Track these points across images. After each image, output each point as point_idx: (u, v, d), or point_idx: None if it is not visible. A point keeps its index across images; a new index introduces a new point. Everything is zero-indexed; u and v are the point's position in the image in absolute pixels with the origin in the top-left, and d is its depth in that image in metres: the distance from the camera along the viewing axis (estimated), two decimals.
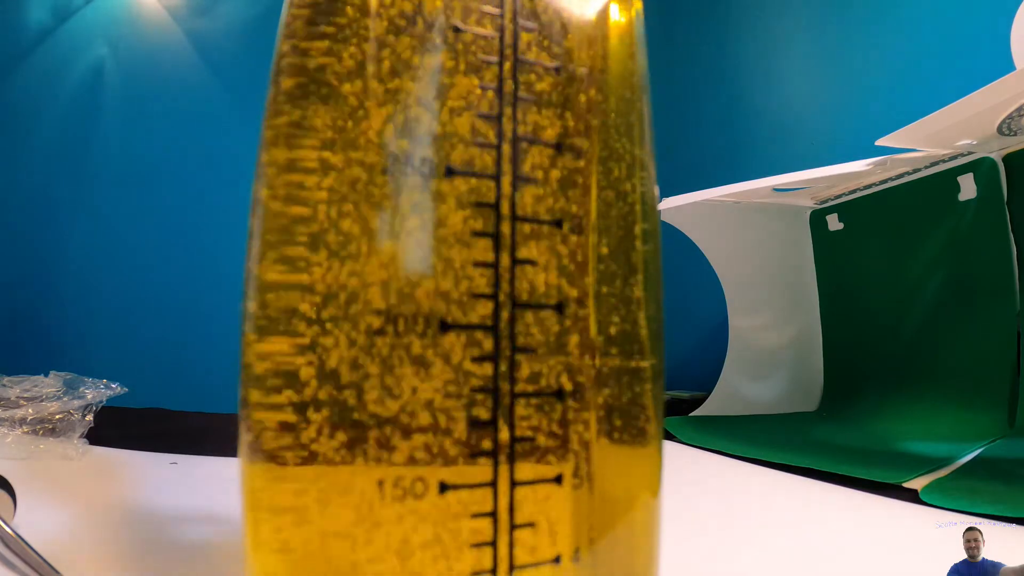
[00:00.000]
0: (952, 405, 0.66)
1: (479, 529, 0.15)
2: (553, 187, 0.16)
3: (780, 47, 1.14)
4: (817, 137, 1.03)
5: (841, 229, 0.86)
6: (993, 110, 0.52)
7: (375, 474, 0.15)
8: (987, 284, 0.66)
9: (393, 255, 0.15)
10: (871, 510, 0.43)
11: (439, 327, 0.15)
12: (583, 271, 0.17)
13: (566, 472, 0.16)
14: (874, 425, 0.71)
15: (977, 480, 0.48)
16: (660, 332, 0.18)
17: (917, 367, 0.74)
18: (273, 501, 0.15)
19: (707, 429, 0.73)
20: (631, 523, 0.18)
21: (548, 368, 0.16)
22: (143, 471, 0.48)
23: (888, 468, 0.51)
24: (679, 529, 0.19)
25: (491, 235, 0.16)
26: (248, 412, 0.15)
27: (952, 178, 0.67)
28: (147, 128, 1.27)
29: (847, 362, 0.87)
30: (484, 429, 0.15)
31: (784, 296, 0.94)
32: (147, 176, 1.27)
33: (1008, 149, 0.62)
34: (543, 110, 0.17)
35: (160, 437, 0.62)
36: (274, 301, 0.15)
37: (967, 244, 0.68)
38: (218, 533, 0.34)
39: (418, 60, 0.16)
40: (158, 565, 0.29)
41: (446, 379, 0.15)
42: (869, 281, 0.83)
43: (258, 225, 0.16)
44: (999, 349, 0.63)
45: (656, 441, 0.18)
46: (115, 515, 0.37)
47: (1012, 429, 0.59)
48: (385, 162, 0.15)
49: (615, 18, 0.18)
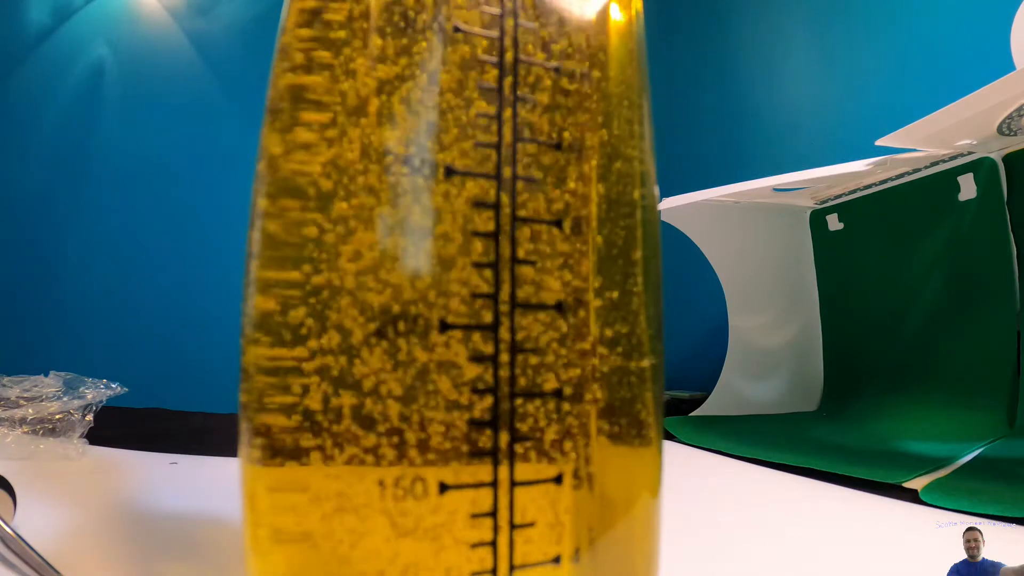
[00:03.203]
0: (952, 405, 0.66)
1: (479, 529, 0.15)
2: (553, 187, 0.16)
3: (780, 47, 1.14)
4: (817, 137, 1.03)
5: (841, 229, 0.86)
6: (993, 110, 0.52)
7: (375, 474, 0.15)
8: (987, 284, 0.66)
9: (393, 255, 0.15)
10: (871, 510, 0.43)
11: (439, 327, 0.15)
12: (583, 271, 0.17)
13: (566, 472, 0.16)
14: (874, 425, 0.71)
15: (977, 480, 0.48)
16: (660, 332, 0.18)
17: (917, 367, 0.74)
18: (273, 501, 0.15)
19: (707, 429, 0.73)
20: (631, 523, 0.18)
21: (548, 368, 0.16)
22: (143, 471, 0.48)
23: (888, 468, 0.51)
24: (679, 529, 0.19)
25: (491, 235, 0.16)
26: (248, 412, 0.15)
27: (952, 178, 0.67)
28: (147, 128, 1.27)
29: (847, 362, 0.87)
30: (484, 429, 0.15)
31: (784, 296, 0.94)
32: (147, 176, 1.27)
33: (1008, 149, 0.62)
34: (543, 110, 0.16)
35: (160, 437, 0.62)
36: (274, 301, 0.15)
37: (967, 244, 0.68)
38: (218, 533, 0.34)
39: (419, 60, 0.16)
40: (158, 565, 0.29)
41: (446, 379, 0.15)
42: (869, 281, 0.83)
43: (258, 225, 0.16)
44: (999, 349, 0.63)
45: (656, 441, 0.18)
46: (115, 515, 0.37)
47: (1012, 429, 0.59)
48: (385, 162, 0.15)
49: (615, 18, 0.18)
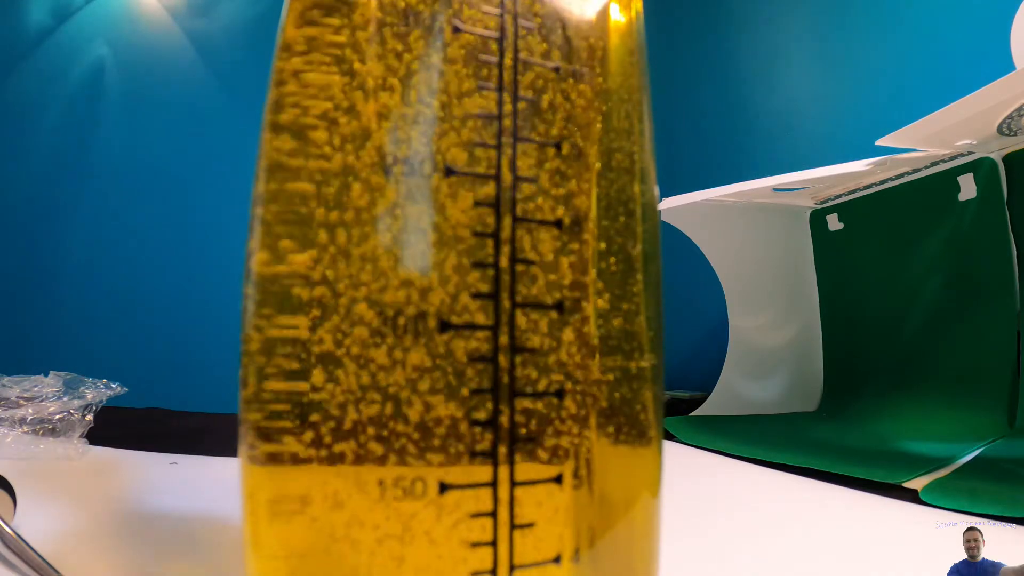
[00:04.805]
0: (952, 405, 0.66)
1: (479, 529, 0.15)
2: (553, 187, 0.16)
3: (781, 47, 1.14)
4: (817, 137, 1.04)
5: (841, 229, 0.86)
6: (993, 110, 0.52)
7: (375, 474, 0.15)
8: (987, 284, 0.66)
9: (393, 255, 0.15)
10: (871, 510, 0.43)
11: (439, 327, 0.15)
12: (583, 271, 0.17)
13: (566, 472, 0.16)
14: (874, 425, 0.71)
15: (977, 480, 0.48)
16: (660, 332, 0.18)
17: (917, 367, 0.74)
18: (273, 501, 0.15)
19: (707, 429, 0.73)
20: (631, 523, 0.18)
21: (548, 368, 0.16)
22: (143, 471, 0.48)
23: (888, 468, 0.51)
24: (679, 528, 0.19)
25: (491, 235, 0.16)
26: (248, 412, 0.15)
27: (952, 178, 0.67)
28: (147, 128, 1.27)
29: (847, 362, 0.87)
30: (484, 429, 0.15)
31: (784, 296, 0.94)
32: (147, 176, 1.27)
33: (1008, 149, 0.62)
34: (543, 110, 0.16)
35: (160, 437, 0.62)
36: (274, 301, 0.15)
37: (967, 244, 0.68)
38: (218, 534, 0.34)
39: (418, 59, 0.16)
40: (158, 565, 0.29)
41: (446, 379, 0.15)
42: (869, 281, 0.83)
43: (258, 224, 0.16)
44: (999, 349, 0.63)
45: (656, 441, 0.18)
46: (115, 515, 0.37)
47: (1012, 429, 0.59)
48: (385, 162, 0.15)
49: (615, 18, 0.18)
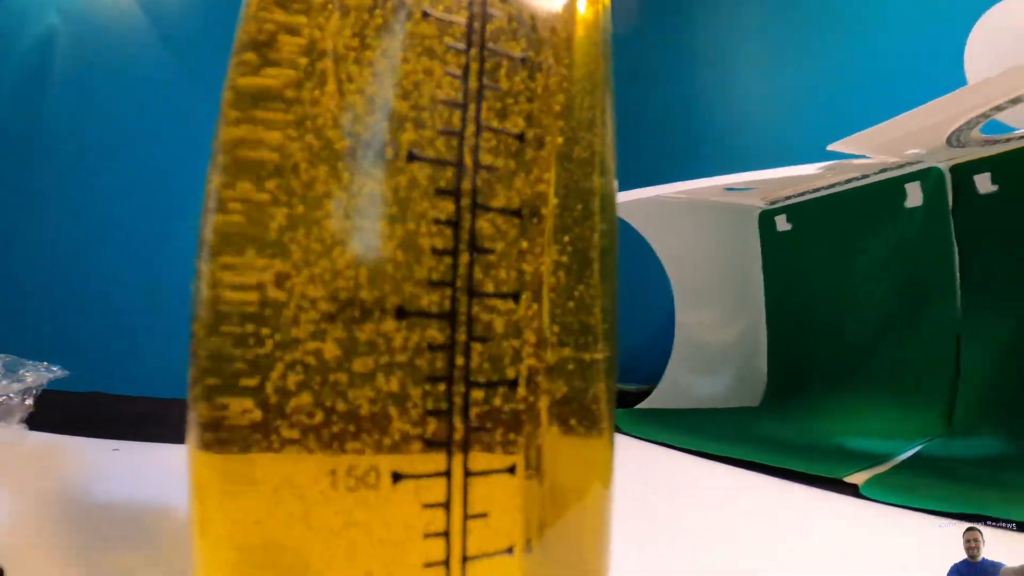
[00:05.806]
0: (893, 405, 0.68)
1: (432, 519, 0.15)
2: (514, 177, 0.16)
3: (736, 50, 1.16)
4: (769, 139, 1.05)
5: (789, 230, 0.88)
6: (944, 122, 0.54)
7: (328, 463, 0.15)
8: (930, 289, 0.68)
9: (351, 241, 0.15)
10: (813, 503, 0.44)
11: (395, 314, 0.15)
12: (541, 262, 0.17)
13: (519, 462, 0.16)
14: (817, 422, 0.73)
15: (915, 476, 0.50)
16: (615, 325, 0.19)
17: (860, 367, 0.76)
18: (222, 490, 0.14)
19: (652, 422, 0.74)
20: (582, 513, 0.18)
21: (503, 358, 0.16)
22: (85, 458, 0.47)
23: (830, 463, 0.52)
24: (623, 520, 0.19)
25: (450, 223, 0.16)
26: (198, 398, 0.15)
27: (900, 185, 0.69)
28: (98, 102, 1.23)
29: (792, 360, 0.89)
30: (438, 418, 0.15)
31: (731, 294, 0.95)
32: (95, 153, 1.22)
33: (956, 160, 0.64)
34: (508, 100, 0.16)
35: (103, 423, 0.61)
36: (226, 285, 0.15)
37: (912, 250, 0.70)
38: (163, 522, 0.33)
39: (384, 43, 0.16)
40: (101, 554, 0.28)
41: (401, 367, 0.15)
42: (815, 281, 0.85)
43: (211, 208, 0.15)
44: (940, 352, 0.65)
45: (608, 433, 0.18)
46: (56, 503, 0.36)
47: (949, 429, 0.61)
48: (345, 146, 0.15)
49: (582, 12, 0.18)
